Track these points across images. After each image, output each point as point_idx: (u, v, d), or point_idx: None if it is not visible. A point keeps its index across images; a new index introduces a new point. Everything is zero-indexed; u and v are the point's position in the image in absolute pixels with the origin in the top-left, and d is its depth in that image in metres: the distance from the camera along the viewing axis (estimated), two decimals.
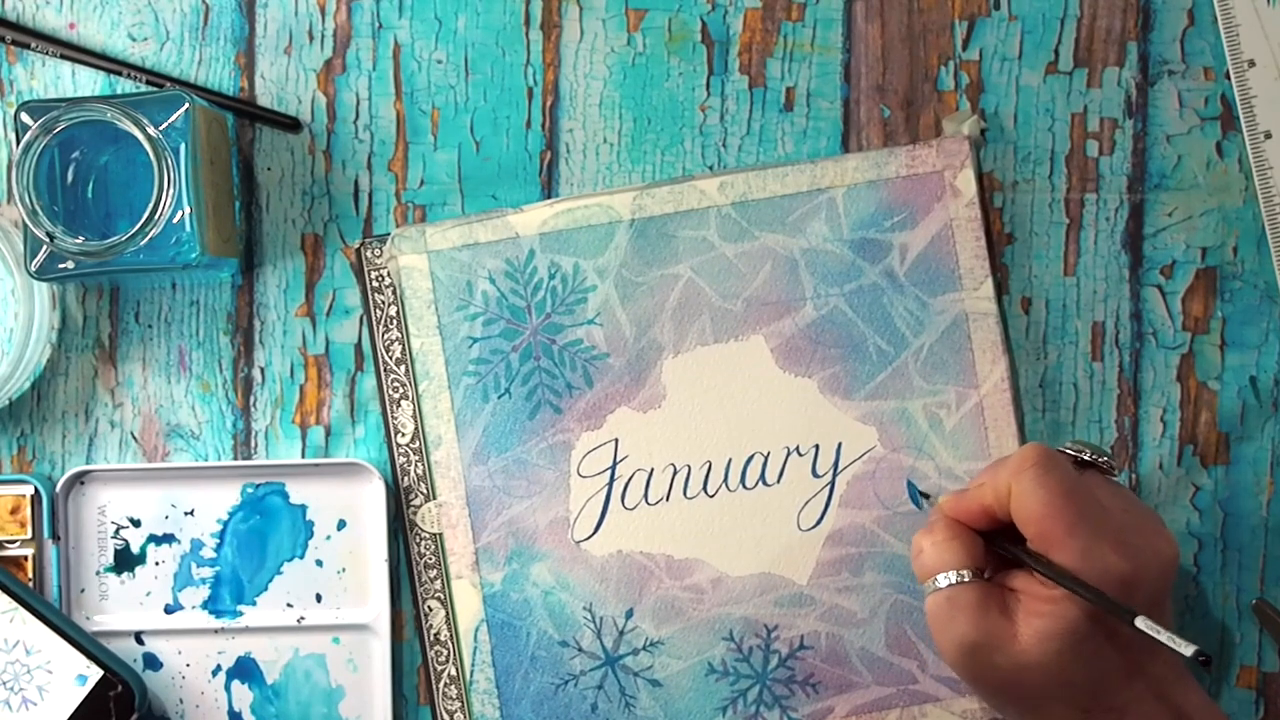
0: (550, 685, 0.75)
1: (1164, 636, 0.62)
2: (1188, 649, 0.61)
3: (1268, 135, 0.75)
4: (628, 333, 0.75)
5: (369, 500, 0.76)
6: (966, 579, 0.67)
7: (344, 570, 0.76)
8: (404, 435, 0.75)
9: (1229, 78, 0.76)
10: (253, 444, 0.77)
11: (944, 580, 0.67)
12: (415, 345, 0.75)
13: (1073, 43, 0.77)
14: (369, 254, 0.75)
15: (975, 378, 0.75)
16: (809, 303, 0.75)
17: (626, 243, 0.75)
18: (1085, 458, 0.69)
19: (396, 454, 0.75)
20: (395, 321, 0.75)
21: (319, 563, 0.76)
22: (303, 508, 0.76)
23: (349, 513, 0.76)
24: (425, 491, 0.75)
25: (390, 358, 0.75)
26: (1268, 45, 0.75)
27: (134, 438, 0.77)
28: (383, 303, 0.75)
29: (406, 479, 0.75)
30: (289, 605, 0.76)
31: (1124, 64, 0.76)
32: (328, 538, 0.76)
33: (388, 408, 0.75)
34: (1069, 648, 0.65)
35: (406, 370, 0.75)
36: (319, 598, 0.76)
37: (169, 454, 0.77)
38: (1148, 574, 0.66)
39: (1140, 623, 0.63)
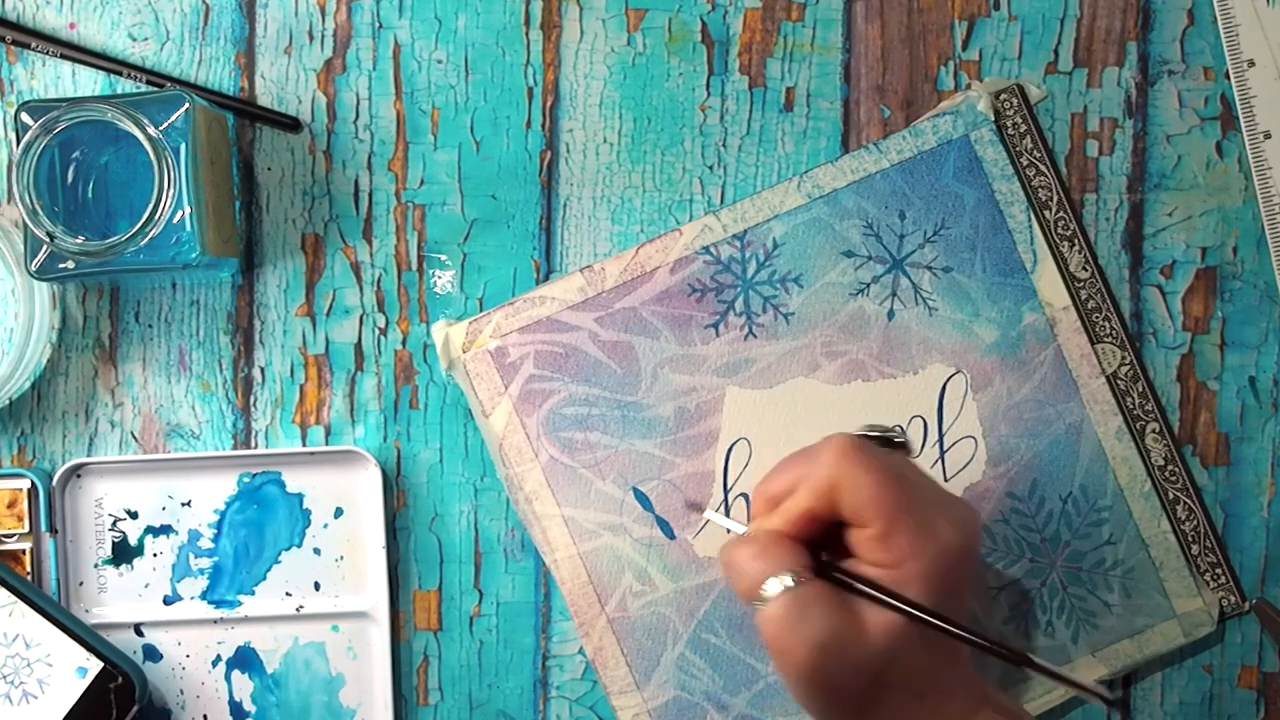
0: None
1: (1077, 683, 0.61)
2: (1106, 692, 0.61)
3: (1267, 135, 0.75)
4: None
5: (365, 488, 0.76)
6: (802, 580, 0.63)
7: (342, 558, 0.77)
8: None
9: (1229, 78, 0.76)
10: (253, 444, 0.77)
11: (778, 585, 0.63)
12: None
13: (1073, 43, 0.76)
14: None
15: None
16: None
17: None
18: (893, 439, 0.67)
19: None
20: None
21: (316, 551, 0.77)
22: (299, 496, 0.76)
23: (346, 500, 0.76)
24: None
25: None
26: (1267, 45, 0.75)
27: (134, 437, 0.77)
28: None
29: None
30: (287, 594, 0.77)
31: (1124, 64, 0.76)
32: (325, 526, 0.76)
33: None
34: (917, 631, 0.63)
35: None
36: (317, 586, 0.77)
37: (169, 454, 0.77)
38: (973, 541, 0.65)
39: (1040, 665, 0.61)
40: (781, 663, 0.63)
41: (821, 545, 0.65)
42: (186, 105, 0.71)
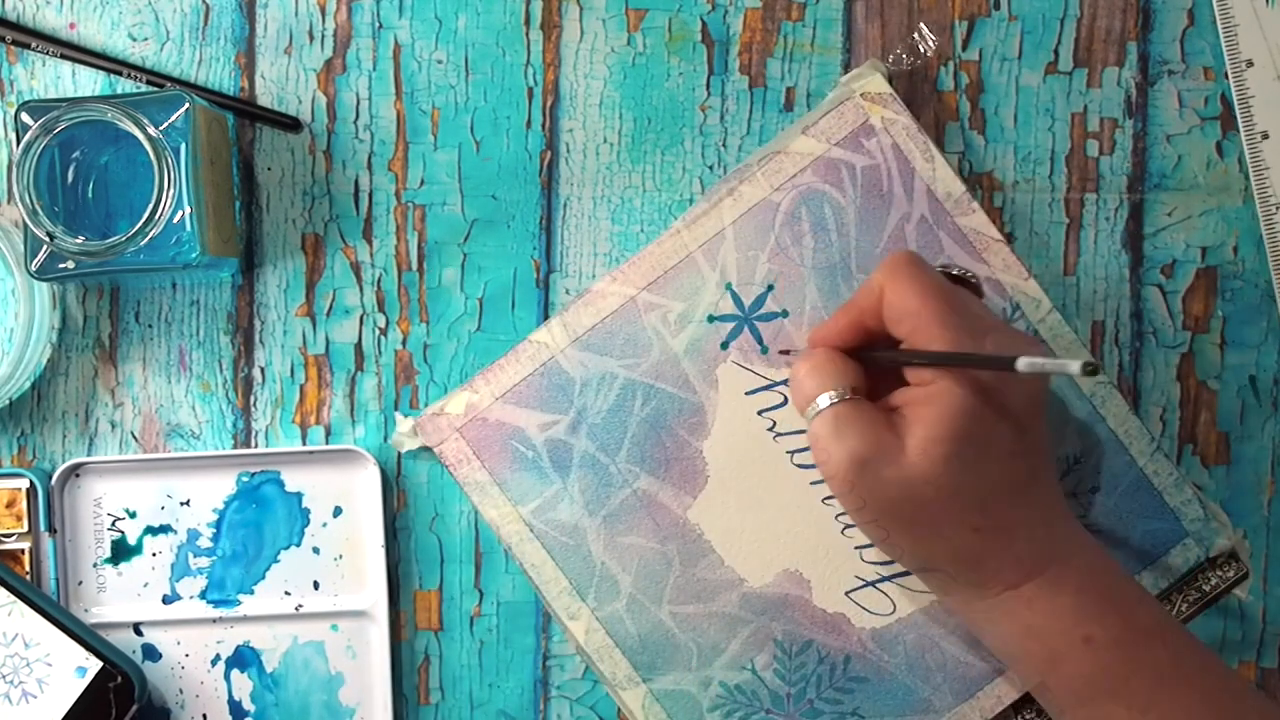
0: None
1: (1049, 364, 0.61)
2: (1074, 365, 0.60)
3: (1265, 135, 0.75)
4: None
5: (364, 487, 0.76)
6: (848, 396, 0.67)
7: (341, 557, 0.77)
8: None
9: (1228, 78, 0.76)
10: (253, 444, 0.77)
11: (825, 401, 0.67)
12: None
13: (1073, 43, 0.77)
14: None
15: None
16: None
17: None
18: (954, 273, 0.70)
19: None
20: None
21: (316, 550, 0.77)
22: (298, 495, 0.76)
23: (345, 499, 0.76)
24: None
25: None
26: (1266, 45, 0.75)
27: (134, 437, 0.77)
28: None
29: None
30: (287, 593, 0.77)
31: (1124, 64, 0.76)
32: (324, 525, 0.76)
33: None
34: (954, 453, 0.65)
35: None
36: (316, 585, 0.77)
37: (168, 453, 0.77)
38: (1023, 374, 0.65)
39: (1022, 364, 0.62)
40: (823, 472, 0.67)
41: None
42: (186, 105, 0.71)
